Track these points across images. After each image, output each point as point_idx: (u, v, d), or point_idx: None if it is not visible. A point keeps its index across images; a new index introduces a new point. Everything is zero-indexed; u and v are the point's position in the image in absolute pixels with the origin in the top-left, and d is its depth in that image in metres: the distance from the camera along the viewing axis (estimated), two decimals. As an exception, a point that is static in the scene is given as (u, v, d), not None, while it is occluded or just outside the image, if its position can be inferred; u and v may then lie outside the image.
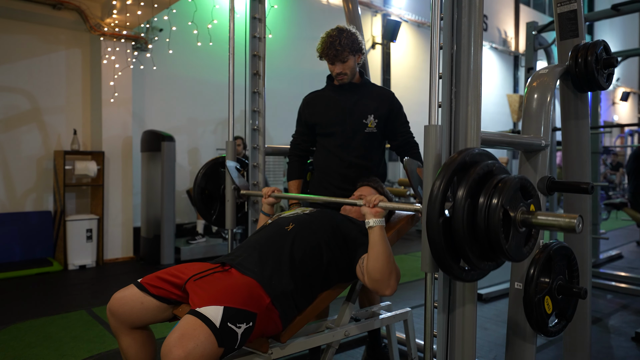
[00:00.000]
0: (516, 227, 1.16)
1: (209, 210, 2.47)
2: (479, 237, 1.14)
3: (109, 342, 2.69)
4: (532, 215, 1.17)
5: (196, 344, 1.23)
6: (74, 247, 4.52)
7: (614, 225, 7.67)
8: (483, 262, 1.19)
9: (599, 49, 1.73)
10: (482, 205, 1.13)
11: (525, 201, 1.19)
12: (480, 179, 1.16)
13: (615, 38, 15.93)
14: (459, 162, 1.16)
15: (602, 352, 2.61)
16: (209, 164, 2.47)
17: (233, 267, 1.58)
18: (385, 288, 1.59)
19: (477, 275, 1.23)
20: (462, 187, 1.14)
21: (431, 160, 1.29)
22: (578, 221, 1.12)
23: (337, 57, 2.09)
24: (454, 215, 1.13)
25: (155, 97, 5.53)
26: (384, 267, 1.57)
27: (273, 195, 2.07)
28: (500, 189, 1.13)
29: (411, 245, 5.87)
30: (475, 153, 1.20)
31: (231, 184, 2.32)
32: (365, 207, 1.63)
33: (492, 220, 1.11)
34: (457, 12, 1.33)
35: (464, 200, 1.12)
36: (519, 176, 1.19)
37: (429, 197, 1.14)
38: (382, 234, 1.60)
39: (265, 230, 1.75)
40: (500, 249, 1.12)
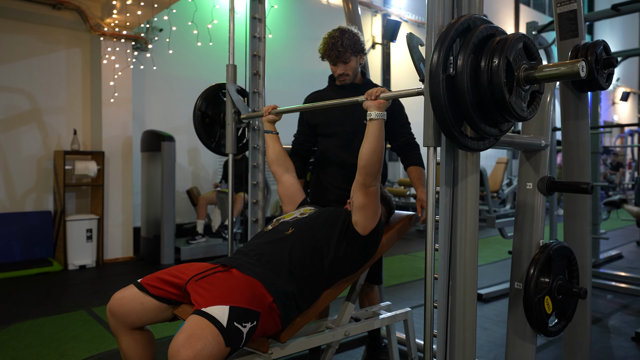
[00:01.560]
0: (520, 84, 1.15)
1: (209, 138, 2.45)
2: (483, 95, 1.12)
3: (109, 342, 2.69)
4: (535, 70, 1.15)
5: (204, 344, 1.23)
6: (74, 247, 4.52)
7: (614, 225, 7.67)
8: (487, 127, 1.16)
9: (599, 49, 1.73)
10: (485, 64, 1.11)
11: (529, 61, 1.18)
12: (483, 39, 1.14)
13: (615, 38, 15.93)
14: (460, 23, 1.14)
15: (602, 352, 2.61)
16: (209, 89, 2.44)
17: (234, 267, 1.58)
18: (372, 179, 1.65)
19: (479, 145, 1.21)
20: (464, 48, 1.12)
21: (433, 31, 1.26)
22: (582, 65, 1.09)
23: (339, 58, 2.09)
24: (457, 74, 1.11)
25: (155, 97, 5.53)
26: (379, 160, 1.62)
27: (273, 112, 2.06)
28: (502, 46, 1.11)
29: (411, 245, 5.87)
30: (477, 17, 1.19)
31: (232, 107, 2.30)
32: (368, 100, 1.62)
33: (495, 76, 1.09)
34: (457, 12, 1.33)
35: (467, 57, 1.10)
36: (521, 33, 1.16)
37: (431, 58, 1.12)
38: (381, 128, 1.61)
39: (265, 236, 1.75)
40: (504, 104, 1.10)
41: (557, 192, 2.94)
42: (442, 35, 1.14)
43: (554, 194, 1.98)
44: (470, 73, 1.11)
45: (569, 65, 1.10)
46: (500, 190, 7.24)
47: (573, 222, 1.90)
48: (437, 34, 1.25)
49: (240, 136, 2.46)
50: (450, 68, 1.13)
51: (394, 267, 4.64)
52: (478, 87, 1.12)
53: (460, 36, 1.15)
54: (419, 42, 1.34)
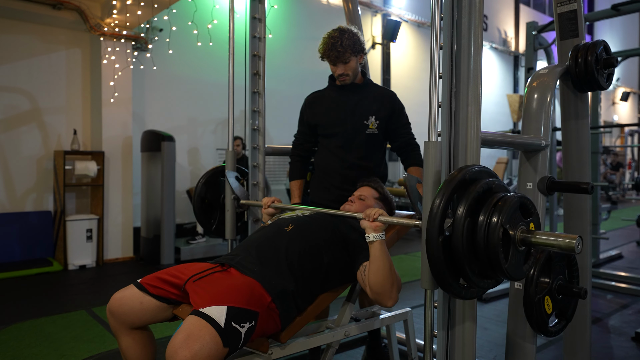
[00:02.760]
0: (515, 246, 1.16)
1: (209, 220, 2.47)
2: (479, 255, 1.14)
3: (109, 342, 2.69)
4: (531, 235, 1.17)
5: (202, 344, 1.23)
6: (74, 247, 4.52)
7: (614, 225, 7.67)
8: (482, 280, 1.19)
9: (599, 49, 1.73)
10: (482, 224, 1.13)
11: (525, 220, 1.20)
12: (479, 196, 1.16)
13: (615, 38, 15.93)
14: (458, 179, 1.16)
15: (602, 352, 2.61)
16: (208, 173, 2.46)
17: (232, 266, 1.58)
18: (387, 300, 1.59)
19: (476, 293, 1.24)
20: (461, 205, 1.14)
21: (431, 176, 1.28)
22: (577, 242, 1.12)
23: (338, 58, 2.09)
24: (454, 233, 1.14)
25: (155, 97, 5.53)
26: (385, 280, 1.57)
27: (272, 205, 2.07)
28: (500, 208, 1.14)
29: (411, 245, 5.87)
30: (475, 171, 1.20)
31: (231, 194, 2.33)
32: (365, 221, 1.62)
33: (491, 239, 1.12)
34: (457, 12, 1.33)
35: (463, 219, 1.13)
36: (518, 195, 1.19)
37: (429, 216, 1.15)
38: (383, 248, 1.60)
39: (265, 231, 1.75)
40: (500, 268, 1.13)
41: (557, 192, 2.94)
42: (439, 193, 1.15)
43: (554, 194, 1.98)
44: (466, 235, 1.13)
45: (566, 240, 1.13)
46: (500, 190, 7.22)
47: (573, 222, 1.90)
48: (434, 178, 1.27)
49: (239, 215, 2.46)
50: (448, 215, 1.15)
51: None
52: (474, 246, 1.14)
53: (458, 190, 1.16)
54: (416, 181, 1.38)
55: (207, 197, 2.43)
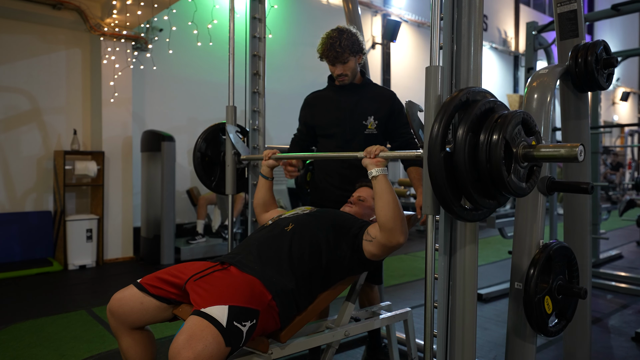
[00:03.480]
0: (518, 161, 1.15)
1: (209, 177, 2.45)
2: (481, 172, 1.13)
3: (109, 342, 2.69)
4: (533, 149, 1.16)
5: (205, 345, 1.23)
6: (74, 247, 4.52)
7: (614, 225, 7.67)
8: (485, 200, 1.17)
9: (599, 49, 1.73)
10: (484, 141, 1.12)
11: (527, 137, 1.19)
12: (481, 114, 1.15)
13: (615, 38, 15.93)
14: (459, 98, 1.15)
15: (602, 352, 2.61)
16: (208, 130, 2.44)
17: (232, 265, 1.58)
18: (399, 234, 1.58)
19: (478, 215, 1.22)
20: (463, 124, 1.13)
21: (432, 101, 1.27)
22: (580, 150, 1.11)
23: (337, 58, 2.09)
24: (456, 150, 1.13)
25: (155, 97, 5.53)
26: (395, 214, 1.57)
27: (273, 157, 2.05)
28: (501, 124, 1.12)
29: (411, 245, 5.87)
30: (476, 91, 1.19)
31: (231, 149, 2.30)
32: (367, 158, 1.63)
33: (493, 155, 1.11)
34: (457, 12, 1.33)
35: (465, 135, 1.12)
36: (520, 111, 1.18)
37: (430, 133, 1.14)
38: (387, 182, 1.60)
39: (265, 231, 1.75)
40: (502, 183, 1.11)
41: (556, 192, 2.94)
42: (440, 111, 1.15)
43: (554, 193, 1.98)
44: (468, 151, 1.12)
45: (568, 149, 1.12)
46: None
47: (573, 222, 1.90)
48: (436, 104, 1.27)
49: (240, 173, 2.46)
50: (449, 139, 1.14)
51: (394, 267, 4.64)
52: (476, 164, 1.13)
53: (459, 110, 1.16)
54: (418, 108, 1.37)
55: (208, 153, 2.40)
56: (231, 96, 2.41)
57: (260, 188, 2.12)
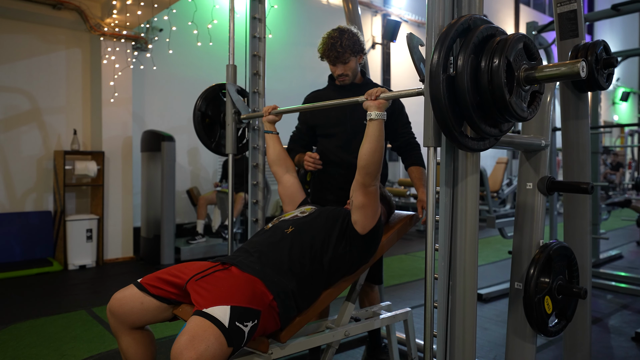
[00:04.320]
0: (520, 84, 1.15)
1: (209, 138, 2.45)
2: (483, 96, 1.12)
3: (109, 342, 2.69)
4: (535, 70, 1.15)
5: (207, 345, 1.24)
6: (74, 247, 4.52)
7: (614, 225, 7.67)
8: (487, 127, 1.16)
9: (599, 49, 1.73)
10: (486, 64, 1.11)
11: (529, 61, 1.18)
12: (483, 39, 1.14)
13: (615, 38, 15.93)
14: (461, 23, 1.14)
15: (602, 352, 2.61)
16: (209, 89, 2.43)
17: (233, 265, 1.58)
18: (373, 179, 1.65)
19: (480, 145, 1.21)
20: (464, 49, 1.12)
21: (433, 31, 1.26)
22: (582, 65, 1.09)
23: (338, 58, 2.09)
24: (457, 74, 1.11)
25: (155, 97, 5.53)
26: (379, 160, 1.63)
27: (273, 112, 2.05)
28: (502, 46, 1.12)
29: (411, 245, 5.87)
30: (478, 17, 1.19)
31: (232, 108, 2.30)
32: (368, 100, 1.63)
33: (495, 77, 1.09)
34: (457, 12, 1.33)
35: (467, 57, 1.10)
36: (521, 34, 1.17)
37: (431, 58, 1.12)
38: (381, 128, 1.61)
39: (265, 234, 1.75)
40: (504, 105, 1.10)
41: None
42: (442, 35, 1.14)
43: (554, 193, 1.98)
44: (470, 73, 1.11)
45: (569, 65, 1.10)
46: (500, 190, 7.24)
47: (573, 222, 1.90)
48: (437, 34, 1.25)
49: (240, 136, 2.45)
50: (450, 68, 1.13)
51: (394, 267, 4.64)
52: (478, 87, 1.12)
53: (461, 36, 1.15)
54: (419, 42, 1.34)
55: (208, 113, 2.39)
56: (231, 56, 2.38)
57: (269, 144, 2.10)
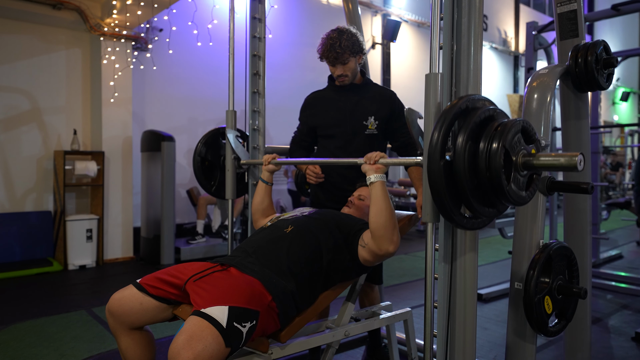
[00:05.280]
0: (517, 170, 1.15)
1: (209, 181, 2.45)
2: (481, 180, 1.13)
3: (109, 342, 2.69)
4: (533, 157, 1.16)
5: (205, 345, 1.23)
6: (74, 247, 4.52)
7: (614, 225, 7.67)
8: (484, 208, 1.17)
9: (599, 49, 1.73)
10: (483, 149, 1.12)
11: (527, 145, 1.19)
12: (481, 122, 1.15)
13: (615, 38, 15.93)
14: (459, 106, 1.15)
15: (602, 352, 2.61)
16: (209, 134, 2.44)
17: (232, 266, 1.58)
18: (389, 243, 1.59)
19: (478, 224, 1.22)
20: (462, 132, 1.13)
21: (432, 108, 1.27)
22: (580, 159, 1.11)
23: (337, 59, 2.09)
24: (455, 158, 1.13)
25: (155, 97, 5.53)
26: (387, 222, 1.58)
27: (273, 162, 2.06)
28: (500, 132, 1.12)
29: (411, 245, 5.87)
30: (476, 99, 1.19)
31: (231, 154, 2.31)
32: (366, 164, 1.63)
33: (493, 163, 1.10)
34: (457, 12, 1.33)
35: (465, 143, 1.12)
36: (520, 119, 1.17)
37: (430, 141, 1.13)
38: (384, 189, 1.61)
39: (264, 232, 1.75)
40: (502, 191, 1.11)
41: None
42: (440, 118, 1.14)
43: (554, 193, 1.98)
44: (468, 159, 1.12)
45: (567, 158, 1.12)
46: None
47: (573, 222, 1.90)
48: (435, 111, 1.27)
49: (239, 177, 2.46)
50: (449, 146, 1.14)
51: (394, 267, 4.64)
52: (476, 172, 1.13)
53: (459, 118, 1.15)
54: (417, 115, 1.37)
55: (207, 157, 2.40)
56: (231, 100, 2.40)
57: (259, 192, 2.11)
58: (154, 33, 5.33)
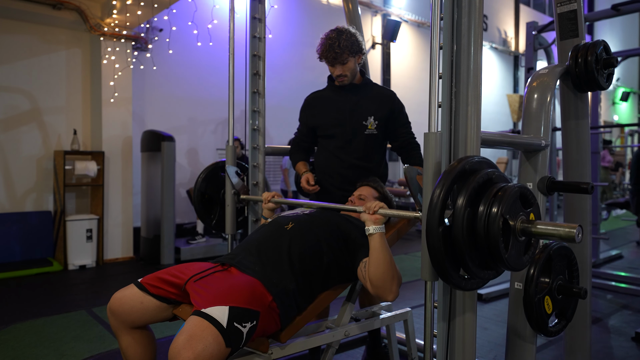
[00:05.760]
0: (516, 236, 1.16)
1: (209, 215, 2.47)
2: (479, 245, 1.14)
3: (109, 342, 2.69)
4: (531, 225, 1.17)
5: (205, 345, 1.24)
6: (74, 247, 4.52)
7: (614, 225, 7.67)
8: (483, 271, 1.19)
9: (599, 49, 1.73)
10: (482, 214, 1.13)
11: (525, 210, 1.20)
12: (479, 187, 1.16)
13: (615, 38, 15.93)
14: (458, 170, 1.16)
15: (602, 352, 2.61)
16: (209, 169, 2.46)
17: (233, 265, 1.58)
18: (387, 294, 1.59)
19: (476, 284, 1.24)
20: (461, 196, 1.14)
21: (431, 167, 1.29)
22: (577, 231, 1.13)
23: (336, 59, 2.09)
24: (454, 223, 1.14)
25: (155, 97, 5.53)
26: (385, 273, 1.57)
27: (273, 200, 2.07)
28: (500, 198, 1.13)
29: (411, 245, 5.87)
30: (475, 161, 1.20)
31: (231, 189, 2.33)
32: (365, 213, 1.63)
33: (491, 229, 1.12)
34: (457, 12, 1.33)
35: (463, 209, 1.13)
36: (518, 185, 1.19)
37: (429, 206, 1.14)
38: (383, 240, 1.60)
39: (265, 230, 1.75)
40: (500, 258, 1.13)
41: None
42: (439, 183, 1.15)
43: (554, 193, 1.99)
44: (466, 225, 1.13)
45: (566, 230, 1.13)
46: (500, 190, 7.23)
47: (573, 222, 1.90)
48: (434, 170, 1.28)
49: (239, 210, 2.46)
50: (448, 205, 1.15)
51: (394, 267, 4.64)
52: (475, 238, 1.14)
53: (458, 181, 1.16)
54: (417, 172, 1.38)
55: (207, 192, 2.42)
56: (231, 96, 2.40)
57: None
58: (154, 33, 5.32)
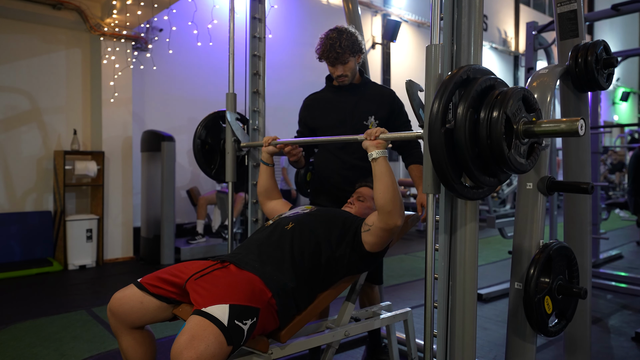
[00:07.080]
0: (519, 137, 1.15)
1: (209, 165, 2.45)
2: (482, 148, 1.13)
3: (109, 342, 2.69)
4: (534, 124, 1.16)
5: (207, 344, 1.24)
6: (74, 247, 4.52)
7: (614, 225, 7.67)
8: (485, 177, 1.17)
9: (599, 49, 1.73)
10: (484, 117, 1.12)
11: (528, 114, 1.18)
12: (482, 91, 1.15)
13: (615, 38, 15.93)
14: (460, 76, 1.15)
15: (602, 352, 2.61)
16: (209, 117, 2.43)
17: (232, 263, 1.58)
18: (398, 217, 1.59)
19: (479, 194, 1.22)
20: (463, 101, 1.13)
21: (432, 79, 1.27)
22: (580, 124, 1.11)
23: (337, 59, 2.08)
24: (456, 126, 1.12)
25: (155, 97, 5.53)
26: (394, 196, 1.57)
27: (273, 143, 2.05)
28: (501, 100, 1.12)
29: (411, 245, 5.87)
30: (477, 69, 1.19)
31: (231, 136, 2.30)
32: (367, 140, 1.62)
33: (494, 131, 1.10)
34: (457, 12, 1.33)
35: (465, 111, 1.11)
36: (520, 87, 1.18)
37: (430, 110, 1.13)
38: (387, 164, 1.60)
39: (266, 230, 1.76)
40: (503, 159, 1.11)
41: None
42: (441, 87, 1.14)
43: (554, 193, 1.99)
44: (469, 127, 1.12)
45: (568, 123, 1.12)
46: (500, 190, 7.24)
47: (573, 222, 1.90)
48: (436, 82, 1.26)
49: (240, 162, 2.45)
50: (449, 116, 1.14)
51: (394, 267, 4.64)
52: (477, 140, 1.13)
53: (460, 87, 1.15)
54: (418, 88, 1.36)
55: (207, 141, 2.39)
56: (231, 84, 2.39)
57: (261, 175, 2.12)
58: (154, 33, 5.33)
